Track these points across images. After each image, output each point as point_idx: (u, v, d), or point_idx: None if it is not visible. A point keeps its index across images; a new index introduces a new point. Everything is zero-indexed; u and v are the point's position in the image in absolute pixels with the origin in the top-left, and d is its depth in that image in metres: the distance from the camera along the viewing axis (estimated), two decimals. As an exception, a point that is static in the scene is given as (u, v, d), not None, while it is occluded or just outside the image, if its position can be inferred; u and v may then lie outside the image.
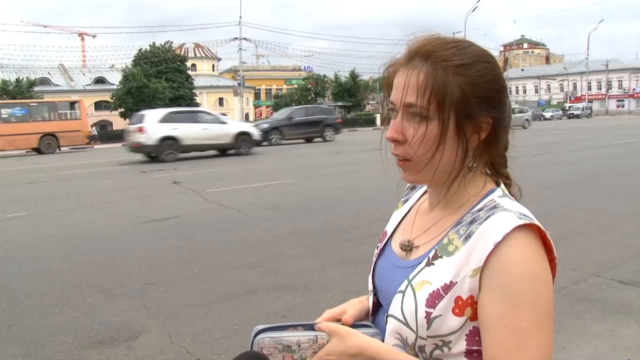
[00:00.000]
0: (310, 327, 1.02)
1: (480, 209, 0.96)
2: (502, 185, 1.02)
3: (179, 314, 4.48)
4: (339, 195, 10.30)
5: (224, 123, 21.78)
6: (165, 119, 20.08)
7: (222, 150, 21.42)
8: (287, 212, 8.70)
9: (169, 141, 19.56)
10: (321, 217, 8.14)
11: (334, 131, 30.06)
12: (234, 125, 22.43)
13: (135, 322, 4.33)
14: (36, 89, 48.91)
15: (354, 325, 1.06)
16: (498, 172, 1.04)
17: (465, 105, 0.93)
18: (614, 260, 5.51)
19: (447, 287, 0.91)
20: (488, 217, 0.92)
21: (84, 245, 6.97)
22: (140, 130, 19.48)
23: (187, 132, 19.78)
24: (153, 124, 19.63)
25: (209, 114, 23.00)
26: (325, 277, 5.25)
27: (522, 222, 0.89)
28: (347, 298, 1.24)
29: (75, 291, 5.14)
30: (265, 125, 27.97)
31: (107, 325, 4.28)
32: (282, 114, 30.82)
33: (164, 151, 19.52)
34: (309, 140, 28.94)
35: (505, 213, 0.91)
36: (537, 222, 0.91)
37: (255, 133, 22.35)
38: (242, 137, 21.22)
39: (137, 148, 20.06)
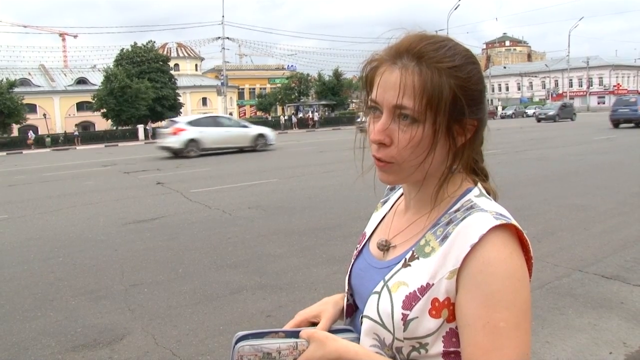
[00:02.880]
0: (291, 333, 1.02)
1: (457, 210, 0.95)
2: (479, 184, 1.01)
3: (163, 315, 4.45)
4: (323, 194, 10.31)
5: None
6: None
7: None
8: (272, 212, 8.69)
9: None
10: (305, 216, 8.14)
11: None
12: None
13: (119, 324, 4.29)
14: (16, 89, 48.29)
15: (336, 330, 1.06)
16: (475, 169, 1.04)
17: (456, 108, 0.92)
18: (596, 255, 5.57)
19: (424, 289, 0.91)
20: (464, 217, 0.91)
21: (66, 247, 6.90)
22: None
23: None
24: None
25: None
26: (310, 276, 5.25)
27: (498, 222, 0.88)
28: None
29: (57, 294, 5.08)
30: None
31: (91, 328, 4.24)
32: None
33: None
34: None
35: (481, 213, 0.90)
36: (513, 222, 0.90)
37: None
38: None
39: None
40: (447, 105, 0.90)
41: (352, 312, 1.13)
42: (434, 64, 0.91)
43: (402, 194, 1.13)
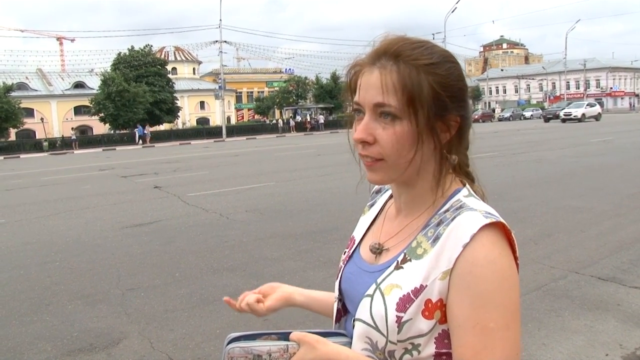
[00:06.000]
0: (283, 336, 1.01)
1: (447, 210, 0.96)
2: (467, 185, 1.02)
3: (159, 319, 4.45)
4: (320, 197, 10.31)
5: None
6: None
7: None
8: (269, 215, 8.69)
9: None
10: (302, 219, 8.14)
11: None
12: None
13: (115, 329, 4.28)
14: (14, 94, 48.23)
15: (328, 334, 1.06)
16: (463, 172, 1.04)
17: (437, 104, 0.92)
18: (592, 257, 5.58)
19: (418, 291, 0.91)
20: (454, 217, 0.92)
21: (63, 251, 6.89)
22: None
23: None
24: None
25: None
26: (307, 279, 5.24)
27: (488, 220, 0.88)
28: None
29: (54, 298, 5.07)
30: None
31: (87, 332, 4.24)
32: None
33: None
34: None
35: (471, 213, 0.91)
36: (502, 220, 0.91)
37: None
38: None
39: None
40: (429, 100, 0.91)
41: (340, 316, 1.13)
42: (412, 61, 0.92)
43: (390, 197, 1.13)
